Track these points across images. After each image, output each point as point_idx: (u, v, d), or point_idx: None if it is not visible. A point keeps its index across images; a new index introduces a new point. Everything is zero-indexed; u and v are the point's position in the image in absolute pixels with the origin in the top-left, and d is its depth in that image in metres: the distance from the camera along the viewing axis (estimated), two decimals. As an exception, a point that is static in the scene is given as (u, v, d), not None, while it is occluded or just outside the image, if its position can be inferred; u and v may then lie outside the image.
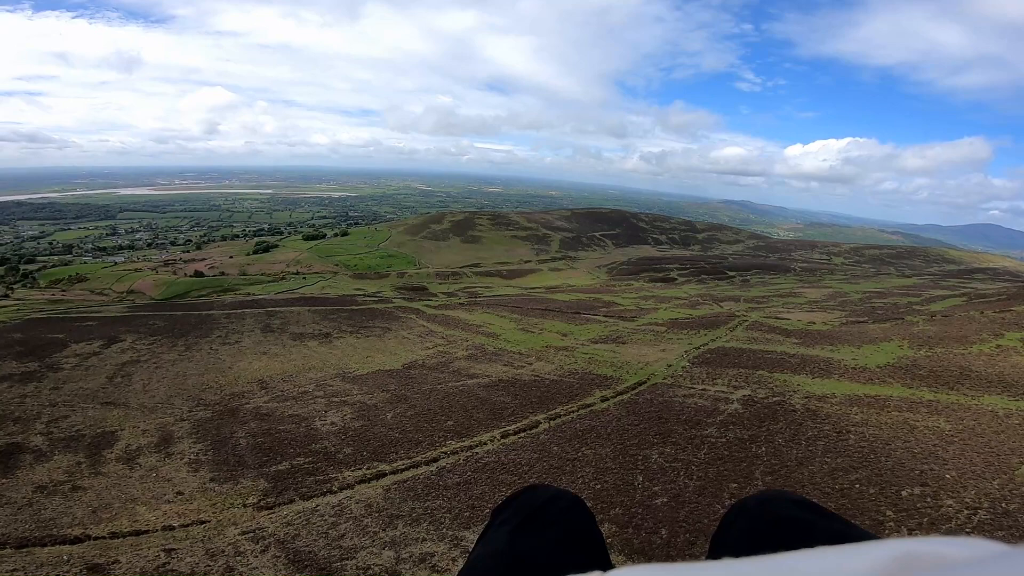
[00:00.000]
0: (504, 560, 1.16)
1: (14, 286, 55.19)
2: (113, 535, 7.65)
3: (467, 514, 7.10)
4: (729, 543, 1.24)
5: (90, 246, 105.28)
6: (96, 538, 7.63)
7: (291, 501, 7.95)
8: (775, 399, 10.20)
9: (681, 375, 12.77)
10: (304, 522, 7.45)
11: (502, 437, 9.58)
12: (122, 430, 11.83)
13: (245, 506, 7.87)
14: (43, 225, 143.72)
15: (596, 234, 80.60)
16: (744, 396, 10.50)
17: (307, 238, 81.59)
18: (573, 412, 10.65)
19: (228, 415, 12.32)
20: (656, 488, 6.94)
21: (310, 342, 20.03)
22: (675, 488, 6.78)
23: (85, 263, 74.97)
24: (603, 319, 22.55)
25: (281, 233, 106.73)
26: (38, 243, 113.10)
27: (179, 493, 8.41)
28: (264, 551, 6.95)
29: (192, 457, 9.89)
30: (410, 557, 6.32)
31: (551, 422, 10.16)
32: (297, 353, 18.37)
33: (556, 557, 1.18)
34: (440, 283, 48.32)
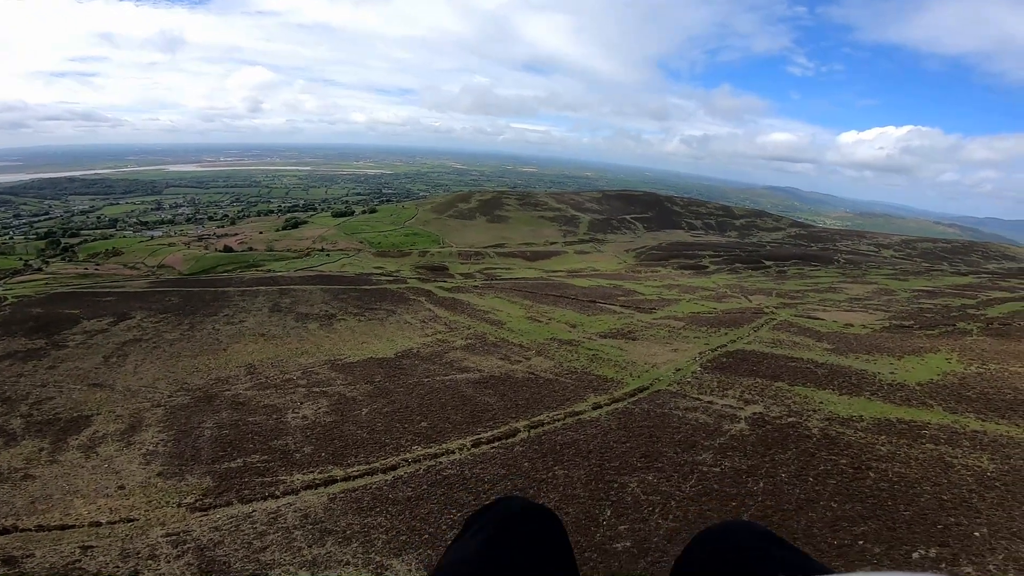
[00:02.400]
0: (475, 568, 1.16)
1: (52, 259, 57.61)
2: (40, 528, 7.16)
3: (403, 537, 6.21)
4: (689, 573, 1.25)
5: (134, 220, 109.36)
6: (23, 530, 7.15)
7: (229, 504, 7.27)
8: (790, 420, 8.87)
9: (689, 382, 11.54)
10: (233, 528, 6.74)
11: (473, 446, 8.65)
12: (97, 414, 11.49)
13: (180, 506, 7.24)
14: (93, 200, 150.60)
15: (627, 217, 78.20)
16: (754, 414, 9.21)
17: (336, 215, 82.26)
18: (559, 420, 9.61)
19: (205, 402, 11.83)
20: (622, 528, 5.86)
21: (311, 324, 19.54)
22: (644, 530, 5.69)
23: (125, 237, 77.75)
24: (619, 310, 21.28)
25: (314, 209, 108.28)
26: (86, 217, 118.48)
27: (120, 487, 7.86)
28: (179, 557, 6.31)
29: (150, 448, 9.39)
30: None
31: (531, 431, 9.15)
32: (295, 336, 17.88)
33: (528, 569, 1.18)
34: (461, 263, 47.62)
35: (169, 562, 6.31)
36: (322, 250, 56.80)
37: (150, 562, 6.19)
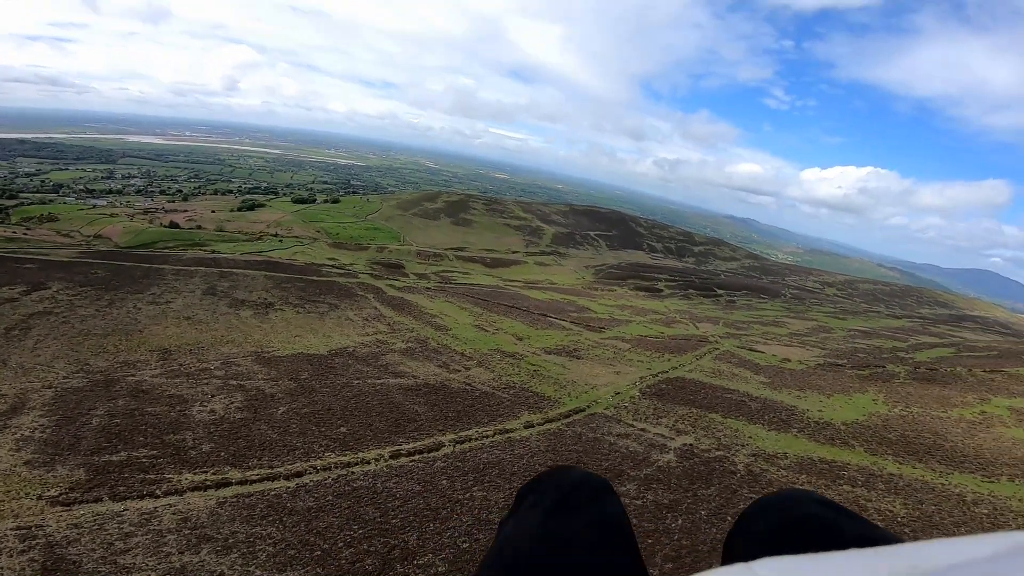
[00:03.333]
0: (539, 542, 1.14)
1: None
2: None
3: (292, 552, 5.58)
4: (750, 542, 1.20)
5: (80, 188, 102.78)
6: None
7: (98, 500, 6.46)
8: (718, 453, 8.69)
9: (626, 406, 11.30)
10: (95, 527, 5.95)
11: (391, 457, 8.08)
12: None
13: (40, 498, 6.38)
14: (42, 164, 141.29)
15: (591, 233, 78.97)
16: (684, 445, 9.00)
17: (296, 201, 79.65)
18: (487, 437, 9.15)
19: (102, 387, 10.76)
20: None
21: (244, 311, 18.41)
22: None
23: (65, 204, 72.77)
24: (568, 326, 21.07)
25: (275, 194, 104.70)
26: (30, 180, 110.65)
27: None
28: (25, 552, 5.50)
29: (27, 433, 8.36)
30: None
31: (457, 446, 8.65)
32: (223, 323, 16.75)
33: (589, 542, 1.15)
34: (419, 263, 46.70)
35: (12, 556, 5.49)
36: (276, 235, 54.60)
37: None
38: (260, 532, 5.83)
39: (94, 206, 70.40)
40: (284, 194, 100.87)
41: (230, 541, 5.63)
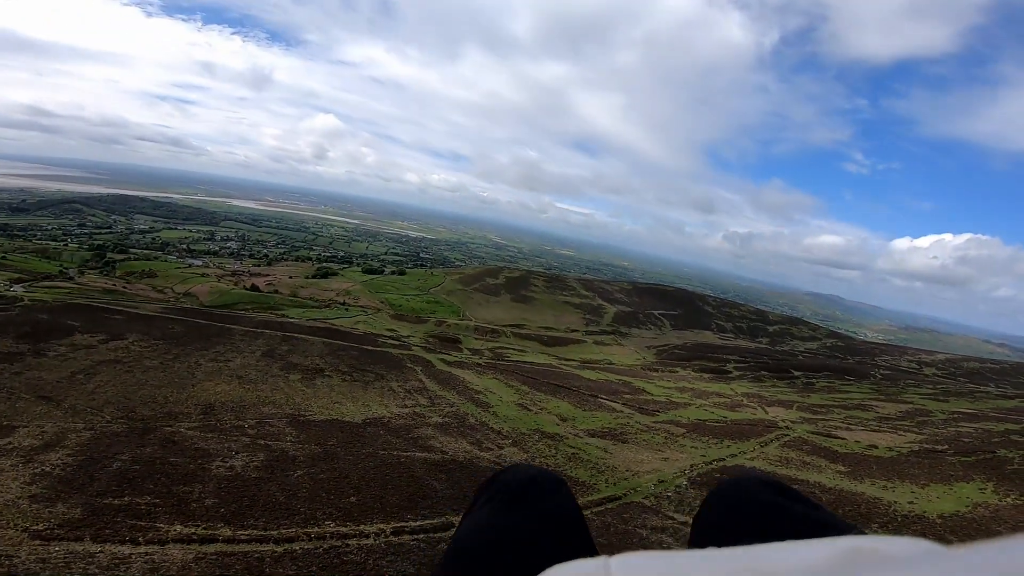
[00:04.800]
0: (490, 535, 1.17)
1: (91, 271, 59.75)
2: None
3: None
4: (709, 528, 1.27)
5: (184, 247, 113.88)
6: None
7: (78, 539, 6.28)
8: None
9: (669, 496, 10.06)
10: (62, 564, 5.72)
11: (393, 534, 7.42)
12: (24, 427, 10.77)
13: (25, 531, 6.29)
14: (155, 221, 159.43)
15: (655, 312, 76.70)
16: (732, 550, 7.60)
17: (365, 271, 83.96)
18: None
19: (138, 434, 10.99)
20: None
21: (294, 375, 18.77)
22: None
23: (166, 261, 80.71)
24: (619, 408, 19.80)
25: (350, 262, 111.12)
26: (143, 236, 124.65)
27: None
28: None
29: (47, 469, 8.53)
30: None
31: (467, 531, 7.77)
32: (270, 384, 17.09)
33: (542, 534, 1.18)
34: (476, 338, 46.77)
35: None
36: (343, 304, 57.23)
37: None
38: None
39: (190, 265, 77.26)
40: (357, 263, 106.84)
41: None
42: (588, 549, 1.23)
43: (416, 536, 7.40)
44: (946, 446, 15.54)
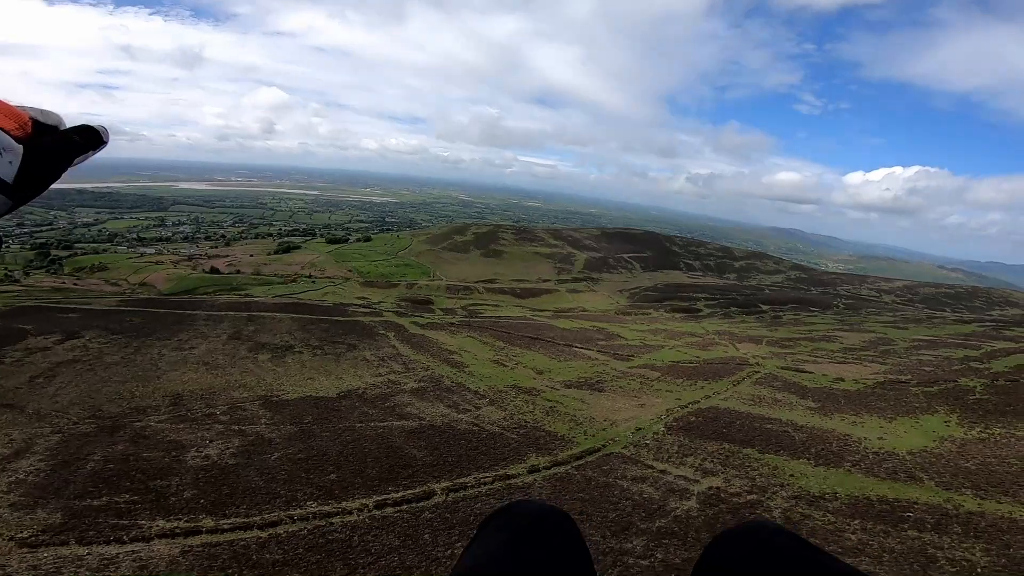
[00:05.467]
0: (503, 567, 1.17)
1: (36, 271, 56.76)
2: None
3: None
4: (715, 573, 1.24)
5: (134, 236, 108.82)
6: None
7: (64, 543, 6.10)
8: (750, 498, 7.57)
9: (647, 444, 10.27)
10: (53, 570, 5.57)
11: (376, 507, 7.37)
12: None
13: (12, 539, 6.06)
14: (99, 213, 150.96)
15: (624, 256, 77.51)
16: (710, 489, 7.91)
17: (330, 241, 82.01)
18: (486, 484, 8.32)
19: (107, 432, 10.57)
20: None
21: (262, 355, 18.29)
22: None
23: (116, 253, 77.05)
24: (594, 355, 20.05)
25: (313, 235, 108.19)
26: (88, 230, 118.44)
27: None
28: None
29: (21, 477, 8.17)
30: None
31: (450, 495, 7.87)
32: (239, 367, 16.62)
33: (552, 569, 1.19)
34: (448, 297, 46.54)
35: None
36: (309, 277, 55.94)
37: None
38: None
39: (142, 254, 74.03)
40: (321, 235, 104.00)
41: None
42: None
43: (399, 508, 7.38)
44: (909, 376, 16.25)
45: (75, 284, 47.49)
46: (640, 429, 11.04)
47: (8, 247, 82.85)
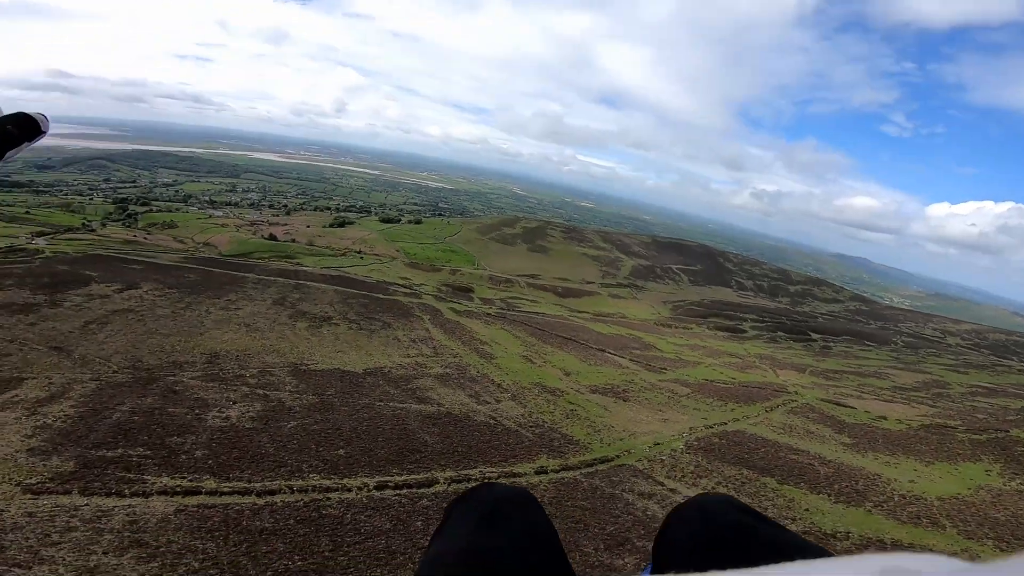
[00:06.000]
0: (467, 555, 1.17)
1: (114, 223, 60.75)
2: None
3: (214, 572, 5.08)
4: (674, 551, 1.23)
5: (206, 199, 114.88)
6: None
7: (67, 493, 6.44)
8: (760, 533, 7.06)
9: (662, 460, 9.92)
10: (47, 517, 5.86)
11: (377, 488, 7.44)
12: (33, 378, 11.01)
13: (18, 484, 6.44)
14: (179, 175, 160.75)
15: (673, 267, 75.46)
16: (718, 517, 7.44)
17: (383, 220, 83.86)
18: (491, 479, 8.20)
19: (141, 384, 11.17)
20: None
21: (301, 323, 18.93)
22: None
23: (187, 212, 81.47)
24: (626, 364, 19.61)
25: (368, 212, 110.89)
26: (166, 190, 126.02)
27: None
28: None
29: (48, 421, 8.72)
30: None
31: (452, 485, 7.85)
32: (277, 333, 17.26)
33: (516, 552, 1.20)
34: (490, 287, 46.68)
35: None
36: (358, 252, 57.40)
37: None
38: (197, 546, 5.41)
39: (210, 216, 78.08)
40: (375, 213, 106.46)
41: (161, 550, 5.27)
42: (563, 566, 1.23)
43: (399, 491, 7.41)
44: (959, 422, 15.08)
45: (145, 238, 50.66)
46: (658, 444, 10.69)
47: (92, 199, 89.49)
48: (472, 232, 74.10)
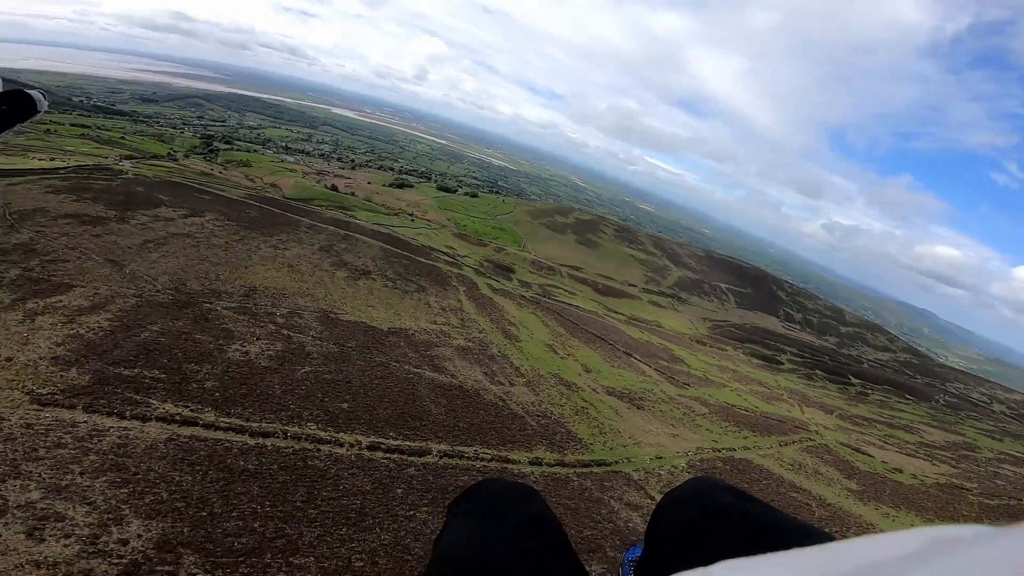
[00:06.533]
0: (474, 550, 1.18)
1: (196, 156, 64.99)
2: None
3: (179, 504, 5.40)
4: (668, 534, 1.27)
5: (283, 144, 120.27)
6: None
7: (71, 407, 6.88)
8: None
9: (660, 475, 9.78)
10: (42, 431, 6.30)
11: (369, 448, 7.66)
12: (82, 287, 11.80)
13: (29, 393, 6.92)
14: (263, 120, 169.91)
15: (721, 284, 73.06)
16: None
17: (440, 188, 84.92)
18: (483, 460, 8.37)
19: (177, 307, 11.83)
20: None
21: (340, 272, 19.51)
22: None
23: (263, 155, 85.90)
24: (650, 372, 19.27)
25: (428, 178, 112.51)
26: (249, 131, 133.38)
27: (7, 360, 7.71)
28: None
29: (82, 331, 9.34)
30: (45, 510, 4.78)
31: (443, 459, 7.99)
32: (316, 278, 17.86)
33: (522, 544, 1.20)
34: (531, 271, 46.58)
35: None
36: (411, 215, 58.48)
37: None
38: (172, 476, 5.72)
39: (283, 160, 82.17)
40: (435, 180, 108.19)
41: (137, 476, 5.58)
42: (569, 555, 1.26)
43: (389, 455, 7.58)
44: (975, 485, 14.22)
45: (220, 172, 53.44)
46: (661, 457, 10.52)
47: (182, 133, 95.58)
48: (524, 214, 73.92)
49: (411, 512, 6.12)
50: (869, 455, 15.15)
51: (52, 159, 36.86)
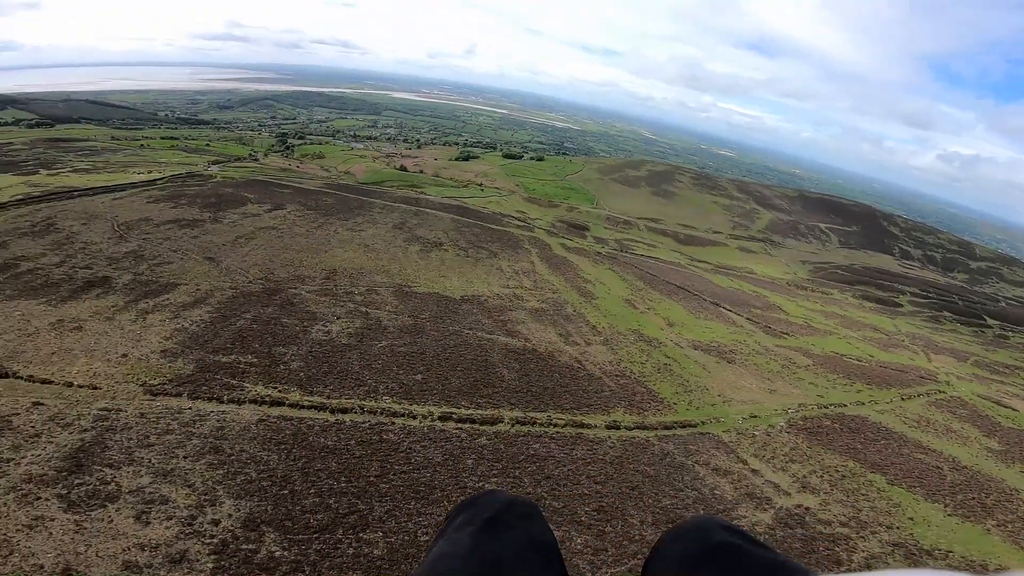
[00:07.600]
0: (469, 560, 1.19)
1: (274, 154, 69.83)
2: (30, 378, 8.01)
3: (265, 483, 5.73)
4: (665, 568, 1.28)
5: (351, 133, 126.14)
6: (16, 376, 8.04)
7: (178, 395, 7.42)
8: (840, 530, 6.41)
9: (754, 436, 9.05)
10: (154, 419, 6.83)
11: (440, 419, 7.64)
12: (185, 284, 12.79)
13: (142, 385, 7.52)
14: (330, 112, 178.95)
15: (821, 224, 66.77)
16: (797, 507, 6.77)
17: (506, 156, 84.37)
18: (556, 426, 8.10)
19: (267, 295, 12.50)
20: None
21: (413, 247, 19.84)
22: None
23: (334, 145, 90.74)
24: (742, 322, 17.94)
25: (493, 148, 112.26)
26: (319, 125, 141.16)
27: (124, 355, 8.46)
28: (85, 431, 6.49)
29: (187, 325, 10.08)
30: (152, 494, 5.11)
31: (515, 426, 7.83)
32: (390, 254, 18.27)
33: (518, 560, 1.22)
34: (606, 227, 45.15)
35: (71, 432, 6.52)
36: (480, 185, 58.58)
37: (34, 440, 6.42)
38: (261, 456, 5.93)
39: (353, 148, 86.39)
40: (500, 150, 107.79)
41: (232, 458, 5.85)
42: (562, 574, 1.26)
43: (460, 425, 7.50)
44: None
45: (298, 167, 56.73)
46: (755, 416, 9.68)
47: (260, 134, 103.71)
48: (593, 172, 71.65)
49: (480, 483, 5.99)
50: (1013, 408, 13.14)
51: (149, 171, 40.90)
